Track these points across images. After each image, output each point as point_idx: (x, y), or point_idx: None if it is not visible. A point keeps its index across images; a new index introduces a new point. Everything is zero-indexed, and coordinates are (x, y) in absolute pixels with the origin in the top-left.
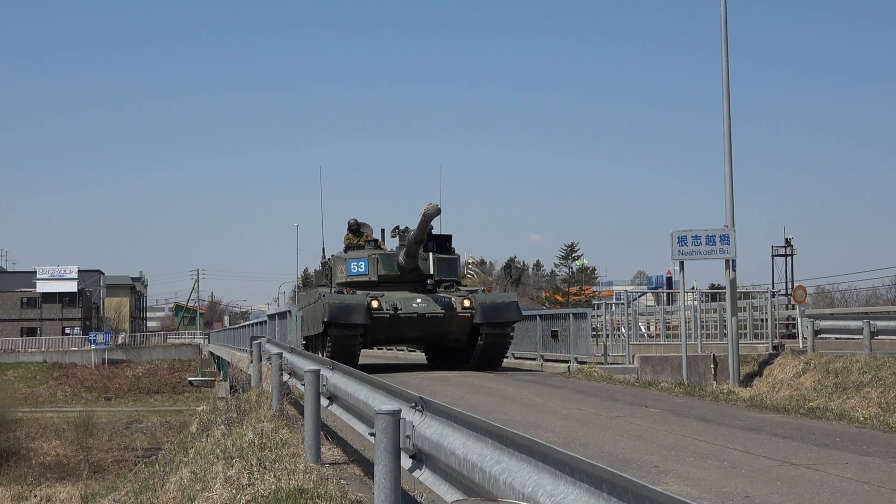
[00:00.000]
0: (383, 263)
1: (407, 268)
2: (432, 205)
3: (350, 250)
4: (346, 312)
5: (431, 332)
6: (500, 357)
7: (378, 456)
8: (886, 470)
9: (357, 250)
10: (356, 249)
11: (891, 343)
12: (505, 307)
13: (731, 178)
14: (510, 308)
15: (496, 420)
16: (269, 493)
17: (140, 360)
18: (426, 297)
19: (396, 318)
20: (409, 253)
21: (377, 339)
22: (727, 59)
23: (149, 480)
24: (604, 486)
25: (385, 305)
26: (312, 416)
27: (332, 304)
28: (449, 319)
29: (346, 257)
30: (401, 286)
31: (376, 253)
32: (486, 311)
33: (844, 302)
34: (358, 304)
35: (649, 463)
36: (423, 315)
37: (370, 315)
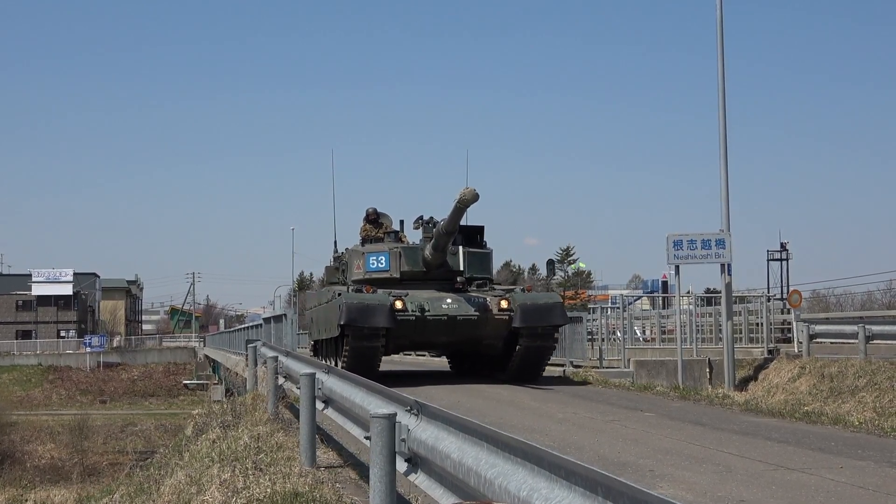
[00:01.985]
0: (406, 258)
1: (434, 263)
2: (469, 189)
3: (368, 243)
4: (366, 314)
5: (462, 337)
6: (540, 367)
7: (373, 459)
8: (881, 474)
9: (376, 243)
10: (375, 242)
11: (886, 347)
12: (548, 309)
13: (726, 182)
14: (554, 310)
15: (491, 423)
16: (264, 496)
17: (135, 363)
18: (457, 296)
19: (423, 321)
20: (437, 246)
21: (400, 344)
22: (723, 63)
23: (144, 484)
24: (599, 489)
25: (410, 306)
26: (308, 420)
27: (350, 305)
28: (483, 323)
29: (364, 251)
30: (426, 284)
31: (398, 246)
32: (526, 313)
33: (839, 306)
34: (380, 304)
35: (645, 467)
36: (453, 318)
37: (393, 317)
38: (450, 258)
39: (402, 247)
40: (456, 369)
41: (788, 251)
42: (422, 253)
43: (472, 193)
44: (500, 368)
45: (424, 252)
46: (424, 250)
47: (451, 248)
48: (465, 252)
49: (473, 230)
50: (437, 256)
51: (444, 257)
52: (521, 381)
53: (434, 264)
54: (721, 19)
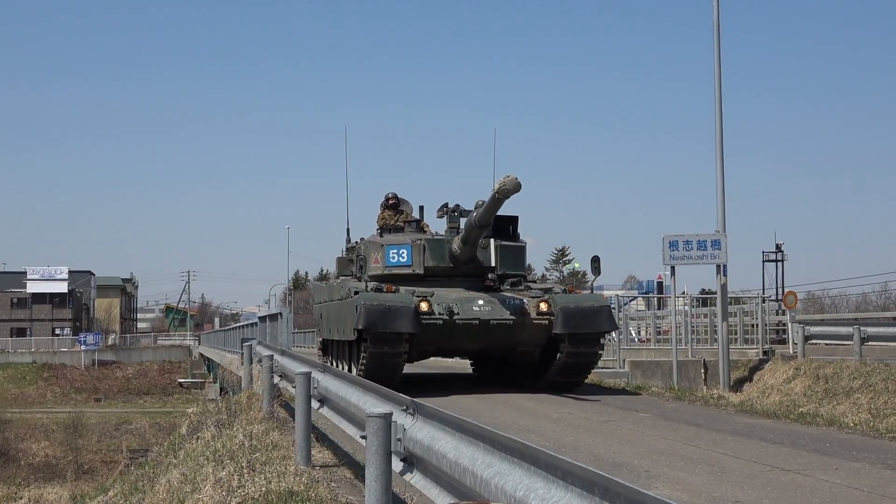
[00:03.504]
0: (431, 252)
1: (462, 258)
2: (510, 178)
3: (386, 233)
4: (387, 317)
5: (495, 344)
6: (582, 377)
7: (369, 459)
8: (876, 476)
9: (396, 233)
10: (394, 232)
11: (881, 349)
12: (594, 314)
13: (722, 183)
14: (601, 315)
15: (486, 423)
16: (259, 495)
17: (130, 361)
18: (489, 297)
19: (451, 326)
20: (467, 239)
21: (425, 351)
22: (719, 65)
23: (138, 482)
24: (596, 489)
25: (437, 308)
26: (303, 419)
27: (369, 307)
28: (520, 328)
29: (383, 242)
30: (453, 282)
31: (422, 238)
32: (569, 318)
33: (834, 308)
34: (403, 306)
35: (640, 467)
36: (486, 322)
37: (418, 321)
38: (480, 252)
39: (426, 239)
40: (480, 374)
41: (784, 252)
42: (448, 246)
43: (514, 182)
44: (534, 376)
45: (452, 245)
46: (452, 243)
47: (481, 242)
48: (496, 245)
49: (506, 220)
50: (467, 251)
51: (473, 251)
52: (560, 391)
53: (462, 259)
54: (718, 21)
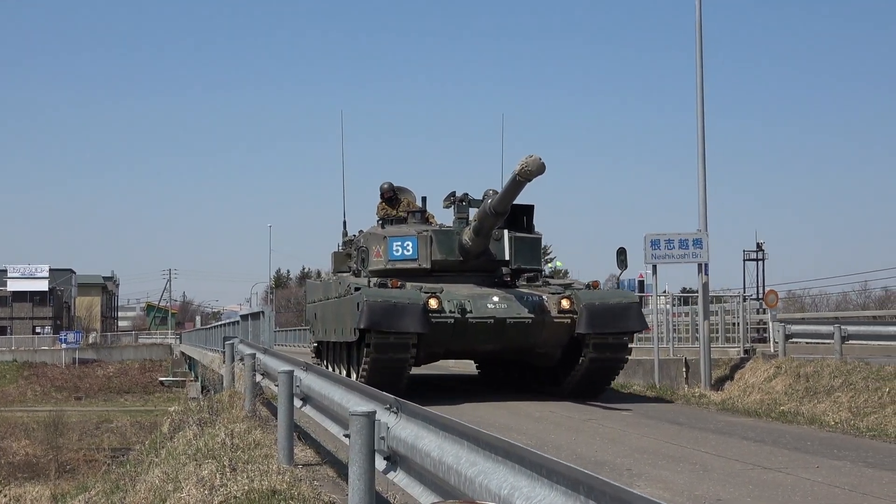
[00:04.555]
0: (439, 244)
1: (474, 251)
2: (534, 158)
3: (388, 224)
4: (392, 316)
5: (512, 345)
6: (607, 383)
7: (352, 457)
8: (857, 474)
9: (398, 225)
10: (396, 223)
11: (861, 348)
12: (622, 311)
13: (704, 182)
14: (629, 313)
15: (467, 421)
16: (241, 494)
17: (111, 359)
18: (505, 293)
19: (464, 325)
20: (480, 229)
21: (433, 353)
22: (702, 63)
23: (119, 481)
24: (581, 488)
25: (448, 306)
26: (286, 417)
27: (373, 305)
28: (539, 327)
29: (385, 234)
30: (463, 277)
31: (428, 229)
32: (594, 316)
33: (815, 307)
34: (410, 303)
35: (622, 466)
36: (501, 321)
37: (427, 320)
38: (492, 245)
39: (433, 230)
40: (487, 377)
41: (765, 251)
42: (458, 238)
43: (538, 163)
44: (552, 381)
45: (462, 237)
46: (462, 234)
47: (494, 233)
48: (511, 237)
49: (520, 210)
50: (479, 242)
51: (486, 243)
52: (582, 398)
53: (474, 252)
54: (700, 22)
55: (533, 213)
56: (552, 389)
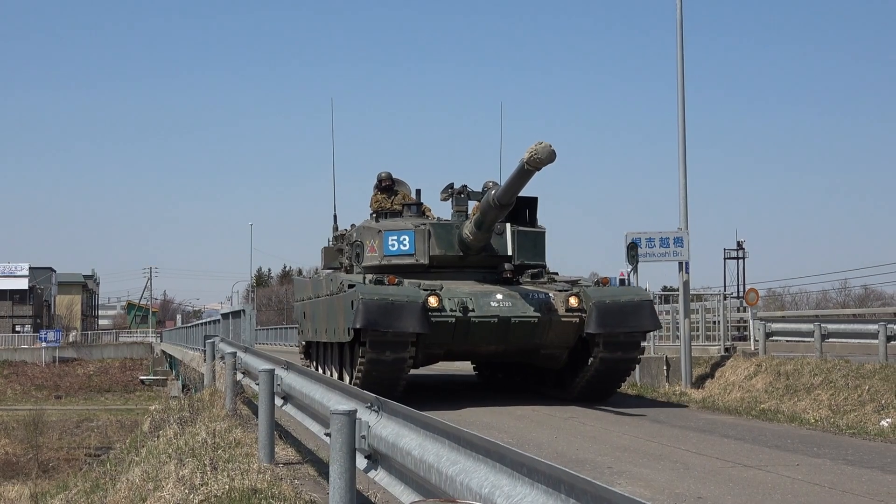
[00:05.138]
0: (438, 238)
1: (475, 246)
2: (544, 144)
3: (382, 217)
4: (390, 315)
5: (516, 346)
6: (616, 386)
7: (333, 456)
8: (837, 471)
9: (394, 218)
10: (392, 217)
11: (841, 346)
12: (634, 310)
13: (685, 181)
14: (641, 312)
15: (449, 420)
16: (222, 493)
17: (91, 358)
18: (509, 291)
19: (466, 325)
20: (481, 223)
21: (433, 354)
22: (682, 63)
23: (100, 480)
24: (562, 487)
25: (449, 304)
26: (266, 416)
27: (368, 303)
28: (545, 327)
29: (380, 228)
30: (463, 273)
31: (426, 223)
32: (604, 315)
33: (795, 305)
34: (409, 301)
35: (603, 464)
36: (506, 320)
37: (426, 320)
38: (494, 239)
39: (431, 224)
40: (485, 379)
41: (745, 250)
42: (458, 231)
43: (548, 151)
44: (558, 384)
45: (462, 230)
46: (462, 228)
47: (496, 227)
48: (514, 231)
49: (523, 203)
50: (480, 237)
51: (488, 238)
52: (591, 402)
53: (475, 247)
54: (681, 20)
55: (536, 205)
56: (557, 393)
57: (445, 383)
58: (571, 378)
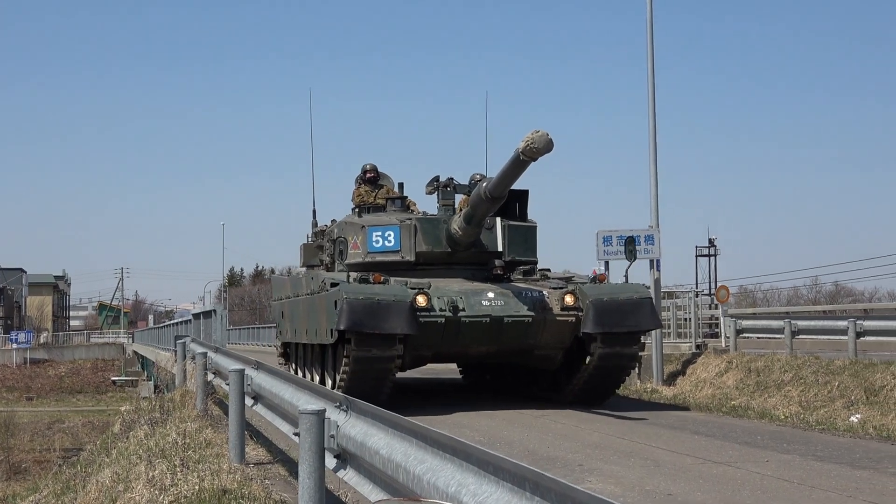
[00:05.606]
0: (425, 234)
1: (464, 241)
2: (541, 133)
3: (365, 212)
4: (376, 315)
5: (510, 347)
6: (615, 387)
7: (302, 456)
8: (806, 467)
9: (377, 213)
10: (375, 212)
11: (811, 342)
12: (633, 308)
13: (655, 178)
14: (641, 310)
15: (420, 419)
16: (192, 493)
17: (63, 359)
18: (501, 289)
19: (456, 325)
20: (471, 217)
21: (421, 356)
22: (653, 62)
23: (70, 481)
24: (526, 485)
25: (438, 303)
26: (237, 416)
27: (353, 302)
28: (539, 327)
29: (364, 223)
30: (451, 270)
31: (412, 217)
32: (602, 313)
33: (766, 302)
34: (396, 301)
35: (573, 461)
36: (498, 320)
37: (415, 320)
38: (483, 234)
39: (417, 218)
40: (471, 382)
41: (716, 247)
42: (446, 227)
43: (546, 140)
44: (552, 386)
45: (451, 225)
46: (451, 223)
47: (486, 221)
48: (504, 226)
49: (513, 196)
50: (470, 232)
51: (478, 233)
52: (587, 404)
53: (464, 243)
54: (651, 20)
55: (527, 199)
56: (550, 395)
57: (433, 386)
58: (566, 380)
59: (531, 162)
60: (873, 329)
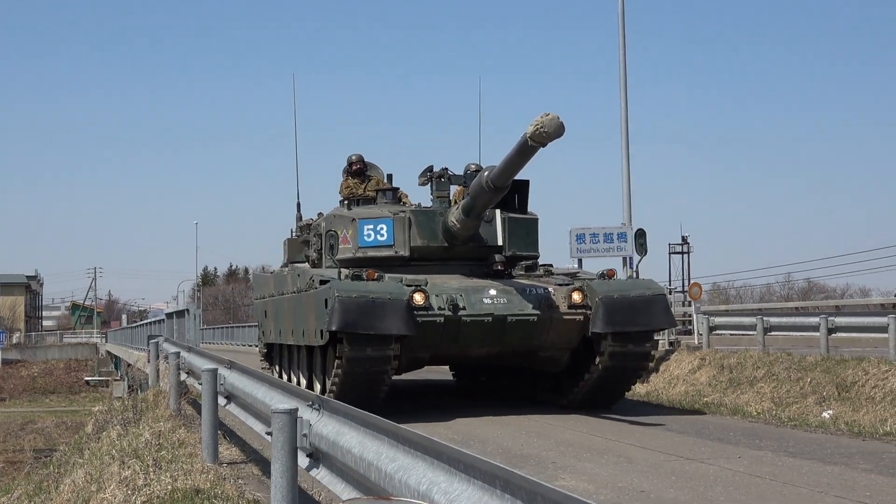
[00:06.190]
0: (420, 227)
1: (461, 235)
2: (551, 116)
3: (355, 204)
4: (371, 315)
5: (513, 348)
6: (625, 390)
7: (275, 455)
8: (778, 463)
9: (367, 206)
10: (365, 204)
11: (783, 339)
12: (646, 306)
13: (628, 176)
14: (654, 308)
15: (416, 426)
16: (165, 493)
17: (35, 359)
18: (503, 286)
19: (456, 325)
20: (470, 209)
21: (417, 359)
22: (625, 57)
23: (43, 482)
24: (497, 482)
25: (437, 302)
26: (210, 416)
27: (346, 301)
28: (545, 326)
29: (354, 216)
30: (448, 266)
31: (405, 210)
32: (612, 311)
33: (739, 299)
34: (392, 299)
35: (547, 459)
36: (502, 319)
37: (412, 319)
38: (482, 228)
39: (412, 211)
40: (464, 384)
41: (689, 244)
42: (442, 219)
43: (556, 123)
44: (555, 389)
45: (448, 218)
46: (447, 216)
47: (485, 214)
48: (504, 218)
49: (515, 187)
50: (469, 224)
51: (477, 226)
52: (594, 408)
53: (462, 237)
54: (622, 15)
55: (528, 190)
56: (553, 399)
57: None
58: (571, 383)
59: (539, 148)
60: (845, 325)
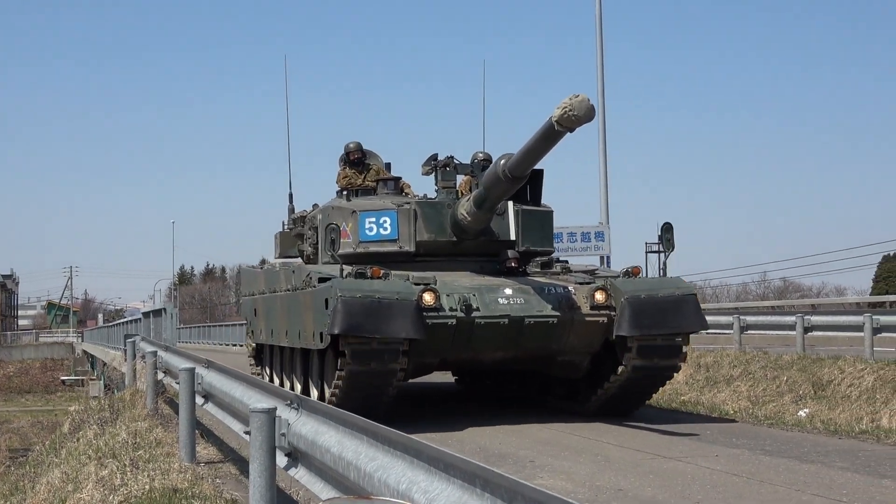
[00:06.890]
0: (426, 220)
1: (472, 228)
2: (580, 98)
3: (354, 195)
4: (377, 316)
5: (530, 353)
6: (647, 397)
7: (253, 454)
8: (755, 461)
9: (368, 197)
10: (365, 195)
11: (760, 338)
12: (675, 306)
13: (605, 175)
14: (685, 308)
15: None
16: (142, 493)
17: (11, 359)
18: (520, 284)
19: (469, 327)
20: (483, 200)
21: (426, 364)
22: (602, 51)
23: (19, 482)
24: (477, 481)
25: (448, 302)
26: (187, 415)
27: (351, 302)
28: (566, 328)
29: (354, 207)
30: (457, 263)
31: (409, 201)
32: (639, 313)
33: (716, 298)
34: (400, 299)
35: (525, 458)
36: (518, 321)
37: (422, 321)
38: (494, 221)
39: (417, 202)
40: (466, 388)
41: None
42: (450, 212)
43: (587, 105)
44: (571, 396)
45: (457, 210)
46: (456, 208)
47: (497, 207)
48: (517, 211)
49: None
50: (481, 217)
51: (489, 219)
52: (613, 416)
53: (472, 230)
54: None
55: (542, 180)
56: (567, 405)
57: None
58: (590, 389)
59: (566, 133)
60: (820, 324)
